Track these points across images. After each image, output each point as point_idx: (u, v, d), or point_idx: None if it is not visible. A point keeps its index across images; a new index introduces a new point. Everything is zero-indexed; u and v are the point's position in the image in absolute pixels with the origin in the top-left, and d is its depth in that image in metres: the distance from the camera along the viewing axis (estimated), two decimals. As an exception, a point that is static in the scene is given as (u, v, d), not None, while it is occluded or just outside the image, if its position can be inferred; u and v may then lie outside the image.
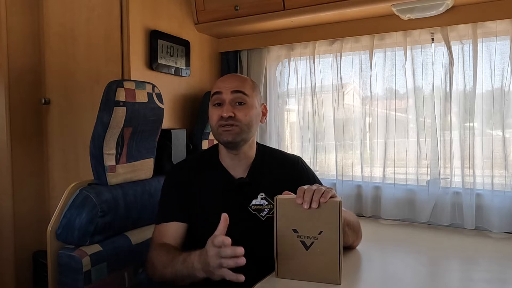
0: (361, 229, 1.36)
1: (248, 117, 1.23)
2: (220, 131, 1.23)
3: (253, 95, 1.26)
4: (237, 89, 1.23)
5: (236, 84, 1.24)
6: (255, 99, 1.27)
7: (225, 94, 1.23)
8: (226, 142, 1.24)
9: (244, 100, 1.24)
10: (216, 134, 1.26)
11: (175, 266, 1.10)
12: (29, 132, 1.81)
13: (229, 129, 1.21)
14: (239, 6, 1.84)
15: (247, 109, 1.24)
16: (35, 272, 1.77)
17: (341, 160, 1.94)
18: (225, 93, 1.23)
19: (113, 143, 1.40)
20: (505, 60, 1.60)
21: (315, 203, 1.02)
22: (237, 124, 1.22)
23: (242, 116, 1.22)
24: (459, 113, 1.70)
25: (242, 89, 1.24)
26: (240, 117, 1.22)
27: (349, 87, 1.96)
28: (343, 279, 1.05)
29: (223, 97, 1.23)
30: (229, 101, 1.23)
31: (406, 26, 1.71)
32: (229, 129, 1.21)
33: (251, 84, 1.29)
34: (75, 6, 1.75)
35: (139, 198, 1.46)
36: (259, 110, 1.30)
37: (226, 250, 0.95)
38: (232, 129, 1.21)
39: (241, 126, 1.22)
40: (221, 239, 0.97)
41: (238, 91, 1.23)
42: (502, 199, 1.60)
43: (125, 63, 1.65)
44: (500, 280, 1.17)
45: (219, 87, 1.25)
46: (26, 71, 1.80)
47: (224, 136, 1.22)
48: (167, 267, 1.12)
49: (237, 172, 1.30)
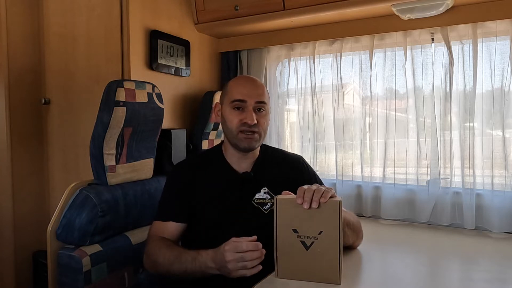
0: (362, 229, 1.36)
1: (267, 124, 1.29)
2: (240, 137, 1.25)
3: (268, 102, 1.31)
4: (261, 100, 1.26)
5: (259, 93, 1.27)
6: (269, 105, 1.32)
7: (249, 102, 1.25)
8: (246, 149, 1.27)
9: (264, 108, 1.28)
10: (234, 137, 1.27)
11: (184, 264, 1.12)
12: (29, 132, 1.81)
13: (251, 137, 1.25)
14: (239, 6, 1.84)
15: (267, 116, 1.29)
16: (35, 272, 1.77)
17: (341, 160, 1.94)
18: (249, 101, 1.25)
19: (113, 143, 1.40)
20: (505, 60, 1.60)
21: (315, 203, 1.02)
22: (258, 131, 1.26)
23: (263, 123, 1.27)
24: (459, 113, 1.69)
25: (263, 99, 1.27)
26: (262, 124, 1.26)
27: (349, 87, 1.96)
28: (343, 279, 1.04)
29: (246, 104, 1.25)
30: (252, 108, 1.25)
31: (406, 26, 1.71)
32: (251, 137, 1.25)
33: (267, 90, 1.33)
34: (75, 6, 1.75)
35: (139, 198, 1.46)
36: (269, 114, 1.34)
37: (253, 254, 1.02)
38: (254, 137, 1.25)
39: (260, 133, 1.27)
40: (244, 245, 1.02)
41: (262, 102, 1.27)
42: (502, 199, 1.60)
43: (125, 63, 1.65)
44: (500, 280, 1.17)
45: (243, 94, 1.25)
46: (26, 71, 1.80)
47: (244, 142, 1.25)
48: (174, 264, 1.14)
49: (241, 168, 1.32)
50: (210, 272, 1.09)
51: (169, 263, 1.16)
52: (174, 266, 1.15)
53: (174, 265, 1.14)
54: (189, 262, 1.12)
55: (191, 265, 1.11)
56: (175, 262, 1.14)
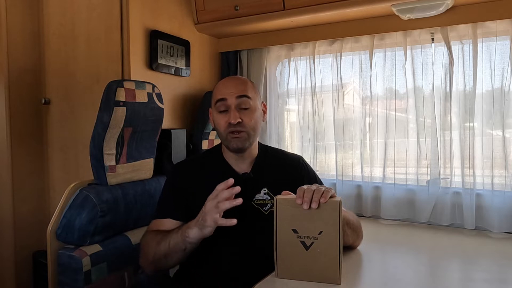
0: (362, 229, 1.36)
1: (253, 121, 1.26)
2: (229, 138, 1.25)
3: (255, 96, 1.28)
4: (242, 94, 1.25)
5: (240, 89, 1.25)
6: (257, 101, 1.29)
7: (230, 100, 1.24)
8: (236, 149, 1.26)
9: (249, 104, 1.26)
10: (225, 140, 1.27)
11: (169, 237, 1.15)
12: (29, 132, 1.81)
13: (237, 136, 1.24)
14: (239, 6, 1.84)
15: (252, 112, 1.26)
16: (35, 272, 1.77)
17: (341, 160, 1.94)
18: (229, 99, 1.24)
19: (113, 143, 1.40)
20: (505, 60, 1.60)
21: (315, 203, 1.02)
22: (244, 130, 1.24)
23: (248, 121, 1.25)
24: (459, 113, 1.70)
25: (246, 93, 1.25)
26: (247, 122, 1.24)
27: (349, 87, 1.96)
28: (343, 279, 1.05)
29: (228, 103, 1.24)
30: (235, 106, 1.24)
31: (406, 26, 1.71)
32: (238, 136, 1.24)
33: (252, 85, 1.30)
34: (75, 6, 1.75)
35: (139, 198, 1.46)
36: (260, 110, 1.32)
37: (224, 192, 1.07)
38: (241, 136, 1.24)
39: (248, 131, 1.25)
40: (221, 186, 1.08)
41: (243, 96, 1.25)
42: (502, 199, 1.60)
43: (125, 63, 1.65)
44: (500, 280, 1.17)
45: (223, 93, 1.25)
46: (26, 71, 1.80)
47: (233, 143, 1.25)
48: (160, 242, 1.16)
49: (240, 169, 1.32)
50: (189, 234, 1.10)
51: (157, 243, 1.17)
52: (160, 245, 1.16)
53: (161, 243, 1.16)
54: (174, 233, 1.15)
55: (175, 234, 1.14)
56: (162, 240, 1.16)
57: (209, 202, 1.09)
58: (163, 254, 1.16)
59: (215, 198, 1.08)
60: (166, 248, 1.15)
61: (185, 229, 1.12)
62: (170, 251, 1.15)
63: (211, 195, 1.10)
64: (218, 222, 1.07)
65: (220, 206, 1.07)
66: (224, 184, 1.08)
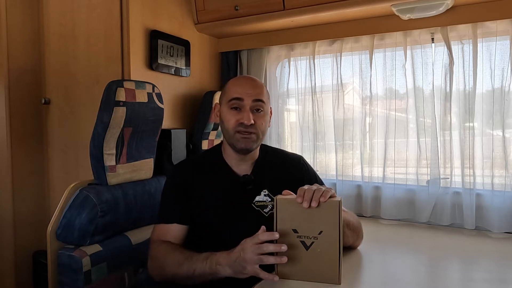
0: (362, 229, 1.36)
1: (264, 124, 1.27)
2: (237, 137, 1.24)
3: (267, 101, 1.29)
4: (258, 98, 1.24)
5: (257, 92, 1.25)
6: (268, 106, 1.30)
7: (246, 101, 1.23)
8: (243, 149, 1.25)
9: (262, 108, 1.26)
10: (231, 138, 1.25)
11: (195, 264, 1.10)
12: (29, 132, 1.81)
13: (247, 137, 1.23)
14: (239, 6, 1.84)
15: (265, 116, 1.27)
16: (35, 272, 1.77)
17: (341, 160, 1.94)
18: (246, 99, 1.23)
19: (113, 143, 1.40)
20: (505, 60, 1.60)
21: (315, 202, 1.02)
22: (255, 132, 1.23)
23: (260, 123, 1.24)
24: (459, 113, 1.70)
25: (262, 97, 1.25)
26: (259, 124, 1.24)
27: (349, 87, 1.96)
28: (343, 279, 1.04)
29: (243, 103, 1.23)
30: (250, 107, 1.23)
31: (406, 26, 1.71)
32: (248, 137, 1.23)
33: (266, 90, 1.31)
34: (75, 6, 1.75)
35: (139, 198, 1.46)
36: (269, 114, 1.32)
37: (269, 246, 1.00)
38: (251, 137, 1.23)
39: (258, 134, 1.25)
40: (264, 236, 1.01)
41: (259, 100, 1.24)
42: (502, 199, 1.60)
43: (125, 63, 1.65)
44: (500, 280, 1.17)
45: (240, 92, 1.24)
46: (26, 71, 1.80)
47: (241, 143, 1.24)
48: (183, 265, 1.12)
49: (241, 170, 1.31)
50: (221, 272, 1.06)
51: (178, 264, 1.13)
52: (183, 267, 1.12)
53: (184, 266, 1.12)
54: (200, 262, 1.10)
55: (201, 264, 1.09)
56: (185, 263, 1.12)
57: (250, 250, 1.01)
58: (186, 277, 1.12)
59: (257, 248, 1.01)
60: (190, 274, 1.11)
61: (215, 265, 1.07)
62: (195, 278, 1.11)
63: (251, 241, 1.03)
64: (260, 275, 1.02)
65: (263, 260, 1.00)
66: (268, 235, 1.02)
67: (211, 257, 1.09)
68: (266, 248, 1.00)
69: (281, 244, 1.01)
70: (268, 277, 1.01)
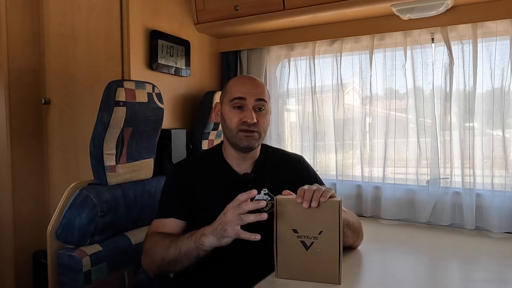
0: (362, 229, 1.36)
1: (266, 123, 1.28)
2: (240, 136, 1.24)
3: (268, 100, 1.30)
4: (260, 97, 1.26)
5: (259, 91, 1.26)
6: (269, 105, 1.31)
7: (249, 100, 1.25)
8: (245, 148, 1.26)
9: (264, 107, 1.27)
10: (233, 137, 1.26)
11: (180, 243, 1.12)
12: (29, 132, 1.81)
13: (250, 135, 1.24)
14: (239, 6, 1.84)
15: (266, 115, 1.28)
16: (35, 272, 1.77)
17: (341, 160, 1.94)
18: (249, 99, 1.24)
19: (113, 143, 1.40)
20: (505, 60, 1.60)
21: (315, 202, 1.02)
22: (257, 130, 1.25)
23: (262, 122, 1.26)
24: (459, 113, 1.70)
25: (263, 96, 1.27)
26: (261, 123, 1.26)
27: (349, 87, 1.96)
28: (343, 279, 1.05)
29: (246, 102, 1.25)
30: (252, 107, 1.25)
31: (406, 26, 1.71)
32: (250, 135, 1.24)
33: (267, 89, 1.32)
34: (75, 6, 1.75)
35: (139, 198, 1.46)
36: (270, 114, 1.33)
37: (248, 204, 1.01)
38: (253, 136, 1.25)
39: (260, 132, 1.26)
40: (244, 196, 1.02)
41: (261, 99, 1.26)
42: (502, 199, 1.60)
43: (125, 63, 1.65)
44: (500, 280, 1.17)
45: (242, 92, 1.25)
46: (26, 71, 1.80)
47: (244, 141, 1.24)
48: (170, 247, 1.13)
49: (241, 169, 1.31)
50: (205, 242, 1.07)
51: (166, 247, 1.14)
52: (170, 249, 1.13)
53: (171, 248, 1.13)
54: (185, 239, 1.11)
55: (187, 240, 1.10)
56: (172, 245, 1.13)
57: (230, 212, 1.03)
58: (173, 259, 1.13)
59: (237, 209, 1.02)
60: (176, 253, 1.12)
61: (199, 236, 1.08)
62: (181, 257, 1.12)
63: (231, 204, 1.04)
64: (241, 235, 1.02)
65: (243, 219, 1.01)
66: (247, 195, 1.03)
67: (196, 232, 1.11)
68: (245, 206, 1.01)
69: (261, 214, 1.02)
70: (250, 236, 1.01)
